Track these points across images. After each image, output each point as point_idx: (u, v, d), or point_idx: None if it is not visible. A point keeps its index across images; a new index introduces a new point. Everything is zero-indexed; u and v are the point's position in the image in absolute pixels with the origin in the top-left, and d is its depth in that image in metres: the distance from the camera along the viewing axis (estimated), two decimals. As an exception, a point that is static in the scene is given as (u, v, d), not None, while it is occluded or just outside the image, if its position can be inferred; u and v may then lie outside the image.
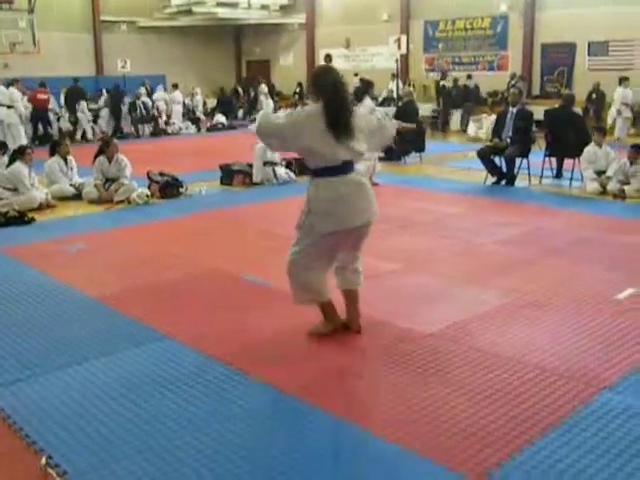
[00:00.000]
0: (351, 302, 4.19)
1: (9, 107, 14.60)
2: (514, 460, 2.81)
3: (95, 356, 3.97)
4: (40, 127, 16.61)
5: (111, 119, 18.22)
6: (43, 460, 2.88)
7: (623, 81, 15.52)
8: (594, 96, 16.69)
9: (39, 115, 16.43)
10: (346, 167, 3.87)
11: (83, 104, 17.54)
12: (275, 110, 21.33)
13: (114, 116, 18.24)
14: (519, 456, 2.83)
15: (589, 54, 18.00)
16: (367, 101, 9.07)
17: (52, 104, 16.99)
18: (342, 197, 3.82)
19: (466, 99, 18.31)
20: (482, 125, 16.10)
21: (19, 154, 8.71)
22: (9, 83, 14.99)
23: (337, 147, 3.79)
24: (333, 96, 3.80)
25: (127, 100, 18.58)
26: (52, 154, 9.39)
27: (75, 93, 17.68)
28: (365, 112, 4.49)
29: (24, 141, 13.84)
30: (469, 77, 18.93)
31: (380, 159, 12.42)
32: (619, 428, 3.05)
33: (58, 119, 17.64)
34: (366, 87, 9.45)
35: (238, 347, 4.03)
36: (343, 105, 3.84)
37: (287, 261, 3.98)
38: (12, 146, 11.30)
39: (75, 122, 17.63)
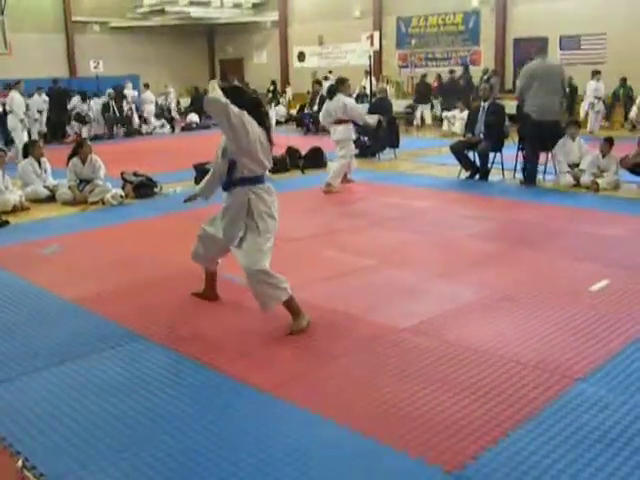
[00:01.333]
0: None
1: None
2: (490, 452, 2.84)
3: (71, 358, 3.94)
4: None
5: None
6: (20, 463, 2.87)
7: (595, 75, 15.72)
8: (567, 90, 16.85)
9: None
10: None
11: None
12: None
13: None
14: (495, 448, 2.87)
15: (561, 48, 18.18)
16: (340, 97, 9.11)
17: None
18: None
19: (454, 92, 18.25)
20: (455, 120, 16.20)
21: (-10, 156, 8.61)
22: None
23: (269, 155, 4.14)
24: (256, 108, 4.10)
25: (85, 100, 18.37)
26: (25, 156, 9.29)
27: (59, 94, 17.65)
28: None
29: None
30: (451, 72, 18.87)
31: (356, 155, 12.49)
32: (593, 419, 3.09)
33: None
34: (337, 85, 9.50)
35: (214, 346, 4.02)
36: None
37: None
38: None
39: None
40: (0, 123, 16.05)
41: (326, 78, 19.43)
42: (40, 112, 17.22)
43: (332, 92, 9.38)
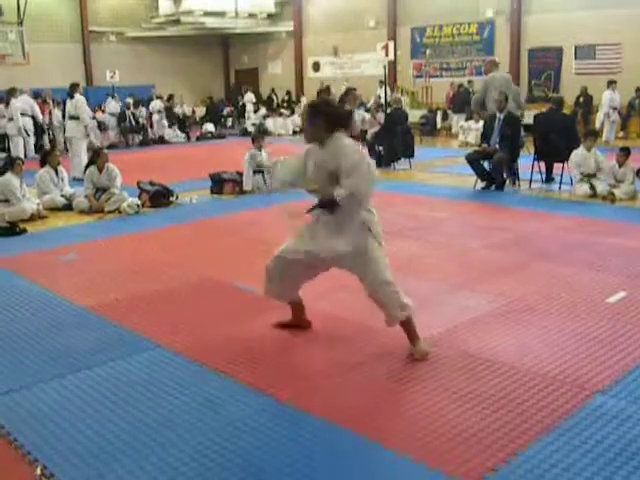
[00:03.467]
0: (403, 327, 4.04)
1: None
2: (509, 464, 2.82)
3: (88, 366, 3.96)
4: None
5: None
6: (38, 470, 2.88)
7: (611, 84, 15.65)
8: (582, 100, 16.82)
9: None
10: None
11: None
12: (264, 118, 21.44)
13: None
14: (514, 460, 2.85)
15: (576, 58, 18.16)
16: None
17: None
18: None
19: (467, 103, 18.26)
20: (470, 130, 16.19)
21: (10, 165, 8.69)
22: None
23: None
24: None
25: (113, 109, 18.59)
26: (43, 165, 9.37)
27: None
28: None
29: (21, 153, 13.86)
30: (469, 82, 18.90)
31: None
32: (613, 432, 3.07)
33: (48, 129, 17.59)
34: (342, 96, 9.37)
35: (232, 356, 4.02)
36: None
37: None
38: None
39: None
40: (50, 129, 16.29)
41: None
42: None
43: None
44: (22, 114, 15.17)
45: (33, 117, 15.63)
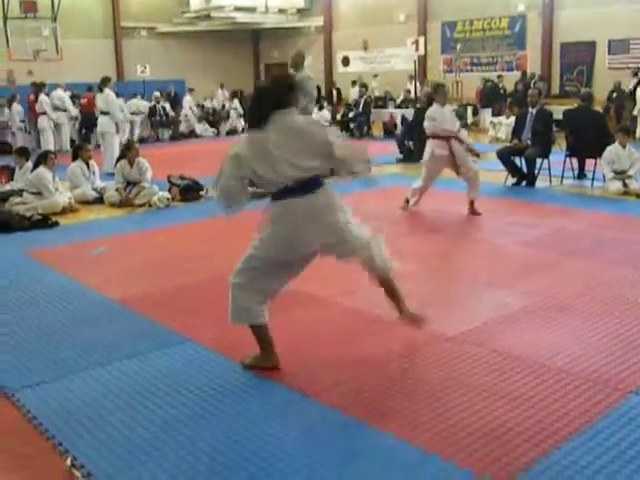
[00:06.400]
0: (388, 294, 3.92)
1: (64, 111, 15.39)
2: (540, 464, 2.78)
3: (118, 358, 3.99)
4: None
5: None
6: (68, 461, 2.91)
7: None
8: (615, 95, 16.54)
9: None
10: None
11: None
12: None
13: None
14: (545, 460, 2.80)
15: (609, 52, 17.85)
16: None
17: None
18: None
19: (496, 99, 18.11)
20: (501, 126, 16.01)
21: (42, 159, 8.80)
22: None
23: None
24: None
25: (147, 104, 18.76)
26: (74, 158, 9.48)
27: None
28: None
29: (51, 146, 14.06)
30: (499, 77, 18.73)
31: (398, 161, 12.44)
32: (646, 432, 3.01)
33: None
34: (430, 94, 8.63)
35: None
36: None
37: None
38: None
39: None
40: (88, 125, 16.48)
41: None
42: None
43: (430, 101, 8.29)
44: (55, 108, 15.43)
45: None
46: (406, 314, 3.97)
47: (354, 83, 20.66)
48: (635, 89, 15.64)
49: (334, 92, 22.87)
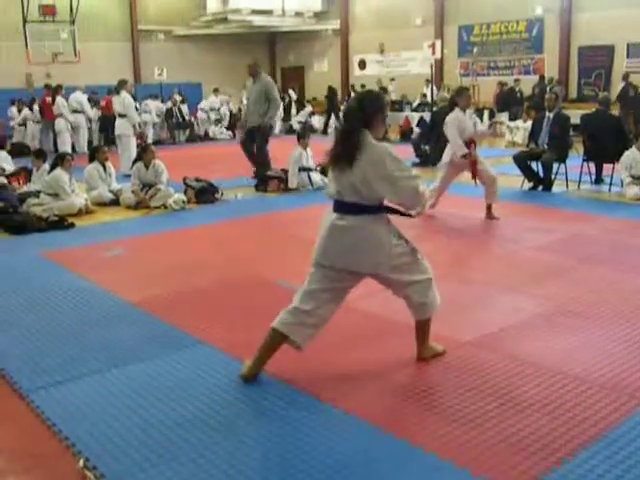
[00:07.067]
0: (418, 330, 3.90)
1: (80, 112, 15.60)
2: (555, 473, 2.74)
3: (132, 360, 4.00)
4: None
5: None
6: (81, 462, 2.91)
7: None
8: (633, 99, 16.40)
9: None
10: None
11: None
12: (310, 115, 21.49)
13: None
14: (560, 469, 2.77)
15: (628, 56, 17.70)
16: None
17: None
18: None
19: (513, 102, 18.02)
20: (518, 130, 15.94)
21: (59, 161, 8.87)
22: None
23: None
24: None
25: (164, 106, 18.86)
26: (91, 160, 9.53)
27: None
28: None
29: (68, 148, 14.19)
30: (516, 81, 18.66)
31: (414, 164, 12.40)
32: (664, 441, 2.97)
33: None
34: (453, 97, 8.09)
35: (276, 355, 4.01)
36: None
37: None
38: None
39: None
40: (104, 127, 16.60)
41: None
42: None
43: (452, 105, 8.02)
44: (74, 111, 15.55)
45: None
46: (428, 352, 3.92)
47: (362, 87, 20.53)
48: None
49: (352, 95, 22.85)
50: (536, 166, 9.63)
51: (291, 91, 23.85)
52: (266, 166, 10.19)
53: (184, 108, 19.54)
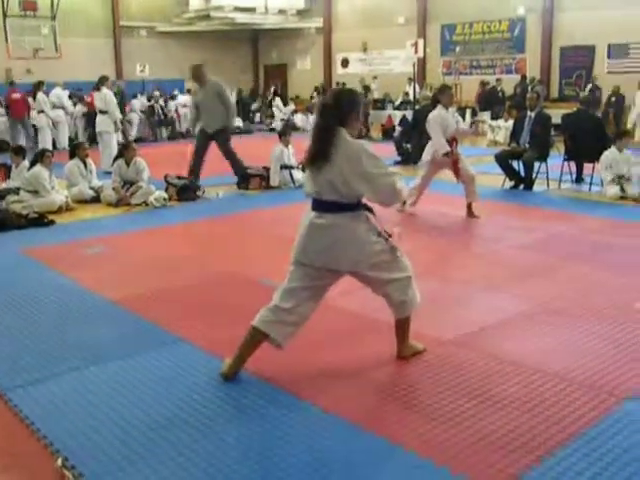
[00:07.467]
0: (398, 328, 3.91)
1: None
2: (534, 471, 2.76)
3: (111, 358, 3.97)
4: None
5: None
6: (59, 462, 2.89)
7: (642, 85, 15.39)
8: (613, 99, 16.57)
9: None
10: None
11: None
12: (292, 113, 21.47)
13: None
14: (539, 467, 2.78)
15: (609, 57, 17.86)
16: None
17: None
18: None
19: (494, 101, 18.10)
20: (500, 129, 16.02)
21: (40, 157, 8.78)
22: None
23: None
24: None
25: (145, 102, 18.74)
26: (72, 157, 9.45)
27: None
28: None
29: (49, 145, 14.05)
30: (498, 80, 18.75)
31: (396, 163, 12.43)
32: (641, 439, 3.00)
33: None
34: (435, 95, 8.08)
35: (255, 353, 4.00)
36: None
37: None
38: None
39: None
40: (91, 123, 16.38)
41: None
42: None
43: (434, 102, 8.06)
44: (54, 107, 15.42)
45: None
46: (408, 350, 3.92)
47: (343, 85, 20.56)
48: None
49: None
50: (517, 165, 9.69)
51: (273, 89, 23.82)
52: (241, 162, 10.09)
53: (171, 104, 19.41)
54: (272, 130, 19.41)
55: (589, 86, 17.23)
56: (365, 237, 3.55)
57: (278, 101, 22.56)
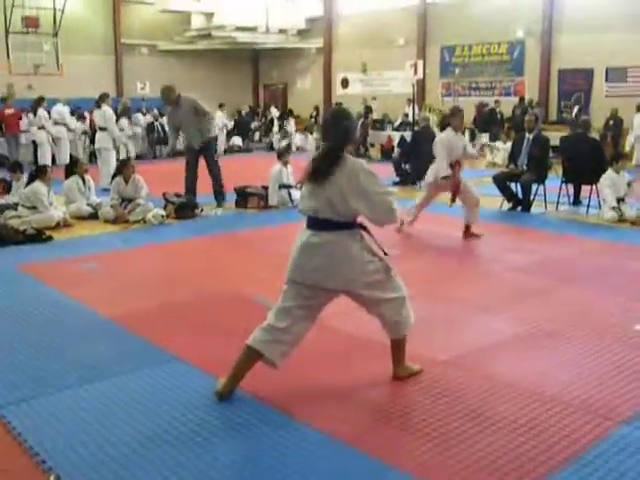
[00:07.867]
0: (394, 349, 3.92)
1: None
2: (528, 494, 2.75)
3: (106, 376, 3.96)
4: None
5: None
6: (52, 479, 2.87)
7: (640, 108, 15.47)
8: (611, 122, 16.66)
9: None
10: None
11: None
12: (291, 133, 21.52)
13: None
14: (533, 490, 2.78)
15: (607, 80, 17.97)
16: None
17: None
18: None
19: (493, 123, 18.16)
20: (498, 151, 16.07)
21: (38, 173, 8.80)
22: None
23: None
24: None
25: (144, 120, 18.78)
26: (69, 174, 9.46)
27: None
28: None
29: (48, 161, 14.07)
30: (496, 102, 18.83)
31: (395, 183, 12.46)
32: (638, 464, 2.98)
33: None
34: (445, 117, 8.16)
35: (250, 372, 3.99)
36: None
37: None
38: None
39: None
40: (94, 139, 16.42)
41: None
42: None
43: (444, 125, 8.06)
44: (56, 123, 15.47)
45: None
46: (404, 371, 3.91)
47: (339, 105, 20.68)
48: None
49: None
50: (515, 187, 9.72)
51: (273, 108, 23.94)
52: (222, 182, 10.06)
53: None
54: (270, 149, 19.45)
55: (576, 108, 17.36)
56: (359, 256, 3.55)
57: (292, 122, 22.49)
